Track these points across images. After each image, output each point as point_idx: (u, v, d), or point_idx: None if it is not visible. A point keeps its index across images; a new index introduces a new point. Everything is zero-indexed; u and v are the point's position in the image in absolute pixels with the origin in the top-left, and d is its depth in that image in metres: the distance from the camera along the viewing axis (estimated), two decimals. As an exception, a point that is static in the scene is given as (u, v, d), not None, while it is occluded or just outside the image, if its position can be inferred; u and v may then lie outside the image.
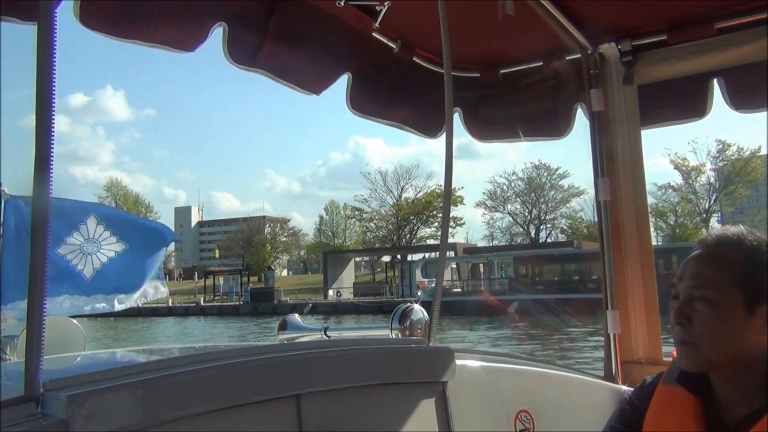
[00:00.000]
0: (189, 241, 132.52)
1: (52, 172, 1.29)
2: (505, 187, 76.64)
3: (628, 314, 2.94)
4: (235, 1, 2.35)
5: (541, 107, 3.32)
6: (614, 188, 2.97)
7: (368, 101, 2.92)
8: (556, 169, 73.69)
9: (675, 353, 1.51)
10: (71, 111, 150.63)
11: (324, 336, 2.39)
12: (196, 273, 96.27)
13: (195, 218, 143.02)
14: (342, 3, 2.55)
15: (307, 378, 1.74)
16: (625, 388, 2.77)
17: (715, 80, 2.91)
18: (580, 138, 3.08)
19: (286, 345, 2.30)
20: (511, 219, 76.99)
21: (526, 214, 76.25)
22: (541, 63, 3.13)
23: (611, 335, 2.92)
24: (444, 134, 2.40)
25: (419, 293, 48.41)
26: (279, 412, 1.67)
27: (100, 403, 1.33)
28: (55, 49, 1.30)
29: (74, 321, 4.09)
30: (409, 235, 78.03)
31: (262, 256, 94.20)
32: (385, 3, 2.62)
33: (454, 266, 53.79)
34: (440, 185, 75.97)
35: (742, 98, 2.86)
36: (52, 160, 1.29)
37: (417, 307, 2.30)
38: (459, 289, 51.49)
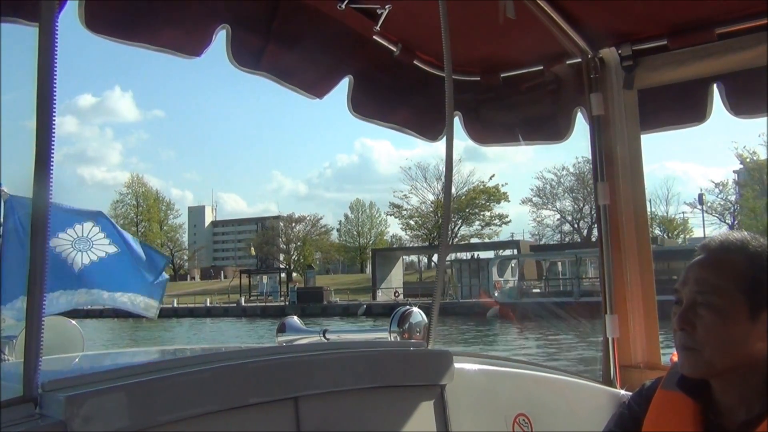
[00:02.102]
0: (203, 241, 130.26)
1: (52, 173, 1.30)
2: (554, 183, 71.66)
3: (626, 318, 2.94)
4: (237, 2, 2.36)
5: (541, 111, 3.32)
6: (614, 192, 2.98)
7: (369, 104, 2.93)
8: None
9: (674, 358, 1.51)
10: (79, 112, 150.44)
11: (323, 338, 2.39)
12: (222, 272, 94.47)
13: (208, 218, 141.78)
14: (343, 6, 2.55)
15: (306, 380, 1.74)
16: (623, 392, 2.77)
17: (714, 85, 2.91)
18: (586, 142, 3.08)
19: (284, 347, 2.31)
20: (560, 217, 72.43)
21: (577, 211, 71.55)
22: (542, 67, 3.13)
23: (610, 339, 2.92)
24: (444, 137, 2.40)
25: (496, 293, 44.63)
26: (277, 415, 1.67)
27: (98, 405, 1.33)
28: (56, 51, 1.31)
29: (73, 321, 4.10)
30: (450, 233, 74.45)
31: (302, 254, 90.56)
32: (386, 6, 2.62)
33: (513, 265, 50.31)
34: (483, 181, 74.10)
35: (742, 103, 2.86)
36: (53, 161, 1.30)
37: (416, 310, 2.30)
38: (538, 290, 47.15)
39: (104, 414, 1.33)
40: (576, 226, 72.78)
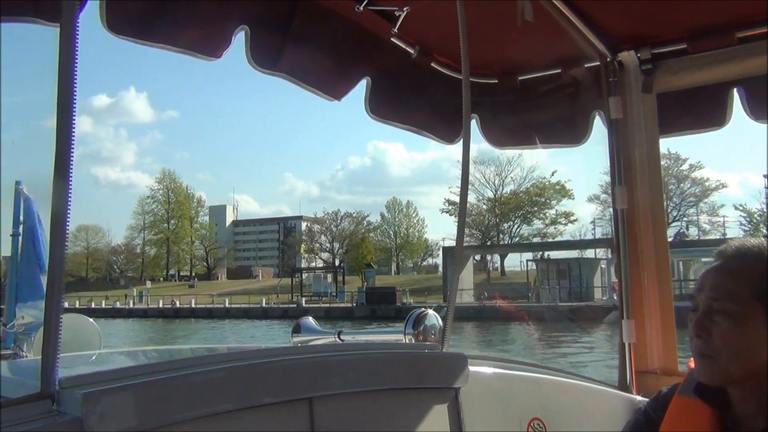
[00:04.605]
0: (224, 241, 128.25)
1: (71, 173, 1.31)
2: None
3: (643, 324, 2.92)
4: (256, 4, 2.37)
5: (558, 114, 3.31)
6: (631, 196, 2.96)
7: (387, 106, 2.93)
8: (685, 160, 65.25)
9: (691, 364, 1.50)
10: (94, 112, 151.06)
11: (338, 339, 2.40)
12: (261, 272, 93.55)
13: (229, 217, 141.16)
14: (361, 8, 2.56)
15: (320, 381, 1.75)
16: (639, 398, 2.75)
17: (734, 90, 2.89)
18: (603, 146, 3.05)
19: (299, 348, 2.31)
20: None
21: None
22: (560, 70, 3.12)
23: (626, 344, 2.90)
24: (461, 140, 2.40)
25: (615, 296, 41.25)
26: (291, 415, 1.67)
27: (114, 402, 1.34)
28: (77, 52, 1.32)
29: (90, 320, 4.13)
30: (509, 233, 71.93)
31: (360, 252, 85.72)
32: (404, 8, 2.62)
33: (603, 266, 47.64)
34: (544, 178, 71.54)
35: (762, 108, 2.84)
36: (72, 161, 1.31)
37: (431, 312, 2.30)
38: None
39: (120, 411, 1.34)
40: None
